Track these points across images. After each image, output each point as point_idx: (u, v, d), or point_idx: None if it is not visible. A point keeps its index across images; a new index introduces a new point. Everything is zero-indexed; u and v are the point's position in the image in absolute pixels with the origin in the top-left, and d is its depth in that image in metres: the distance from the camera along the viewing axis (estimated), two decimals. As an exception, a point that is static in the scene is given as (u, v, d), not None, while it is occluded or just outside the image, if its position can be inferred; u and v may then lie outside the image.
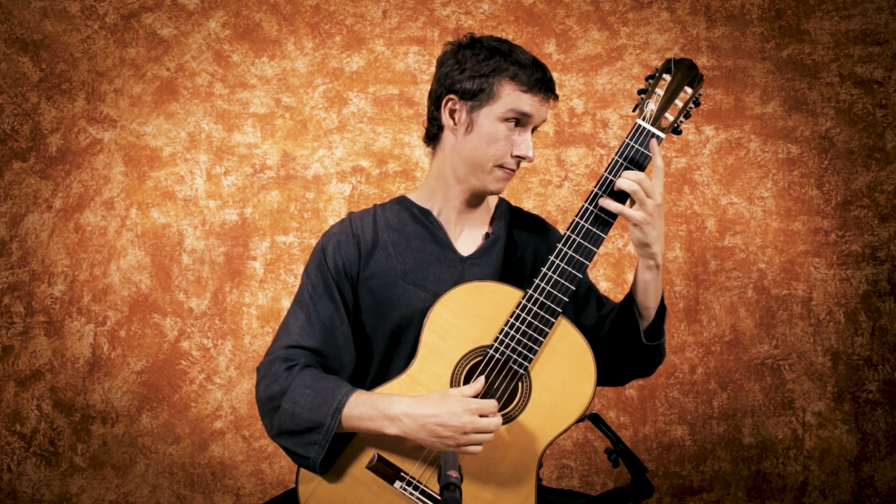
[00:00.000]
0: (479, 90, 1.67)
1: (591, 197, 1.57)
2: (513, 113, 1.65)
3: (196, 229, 2.77)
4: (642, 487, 1.48)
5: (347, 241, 1.72)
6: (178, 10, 2.79)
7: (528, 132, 1.68)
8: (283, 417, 1.59)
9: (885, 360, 2.71)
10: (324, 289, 1.69)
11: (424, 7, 2.79)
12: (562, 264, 1.57)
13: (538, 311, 1.57)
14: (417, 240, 1.73)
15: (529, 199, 2.76)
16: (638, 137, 1.58)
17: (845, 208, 2.73)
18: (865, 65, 2.74)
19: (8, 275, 2.74)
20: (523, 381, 1.58)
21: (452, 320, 1.59)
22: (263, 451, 2.74)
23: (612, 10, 2.79)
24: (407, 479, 1.57)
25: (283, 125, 2.79)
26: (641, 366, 1.74)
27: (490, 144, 1.67)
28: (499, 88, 1.66)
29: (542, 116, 1.70)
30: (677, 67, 1.59)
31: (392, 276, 1.69)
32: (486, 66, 1.67)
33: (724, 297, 2.75)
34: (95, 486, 2.73)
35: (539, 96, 1.66)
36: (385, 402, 1.55)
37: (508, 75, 1.66)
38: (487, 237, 1.76)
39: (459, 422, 1.50)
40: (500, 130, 1.66)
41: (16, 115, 2.76)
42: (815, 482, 2.71)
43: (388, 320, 1.68)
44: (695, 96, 1.60)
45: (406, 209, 1.77)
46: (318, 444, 1.56)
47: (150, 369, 2.74)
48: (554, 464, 2.73)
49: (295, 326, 1.68)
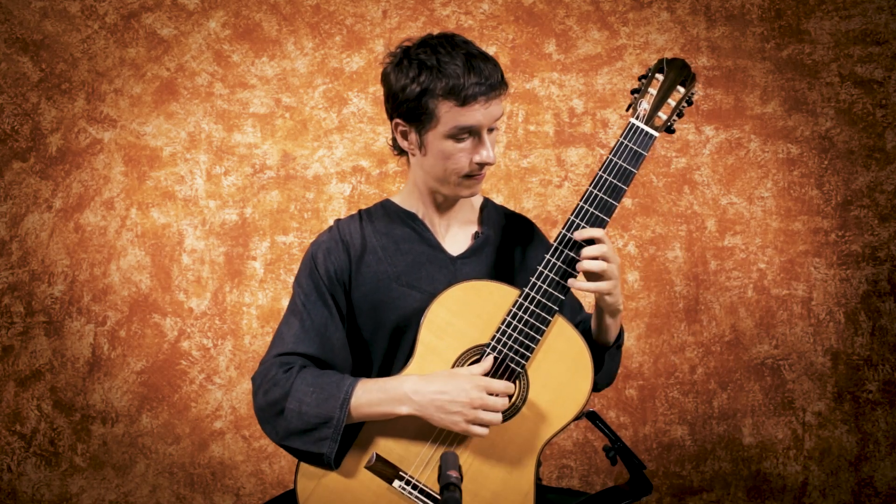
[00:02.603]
0: (420, 114, 1.61)
1: (587, 197, 1.58)
2: (456, 130, 1.59)
3: (196, 229, 2.77)
4: (641, 485, 1.48)
5: (337, 248, 1.72)
6: (178, 10, 2.79)
7: (484, 137, 1.62)
8: (288, 419, 1.58)
9: (885, 360, 2.71)
10: (317, 296, 1.69)
11: (424, 7, 2.79)
12: (558, 262, 1.57)
13: (535, 310, 1.57)
14: (406, 242, 1.73)
15: (529, 198, 2.76)
16: (632, 136, 1.59)
17: (845, 208, 2.73)
18: (865, 65, 2.74)
19: (8, 275, 2.74)
20: (520, 380, 1.58)
21: (450, 319, 1.60)
22: (263, 451, 2.74)
23: (612, 10, 2.79)
24: (406, 479, 1.57)
25: (283, 125, 2.79)
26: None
27: (447, 161, 1.63)
28: (435, 109, 1.59)
29: (493, 117, 1.61)
30: (669, 67, 1.60)
31: (385, 279, 1.69)
32: (416, 86, 1.59)
33: (724, 297, 2.75)
34: (95, 486, 2.73)
35: (479, 102, 1.58)
36: (393, 384, 1.56)
37: (441, 93, 1.57)
38: (477, 236, 1.76)
39: (468, 397, 1.51)
40: (451, 146, 1.61)
41: (16, 115, 2.77)
42: (815, 482, 2.71)
43: (386, 323, 1.69)
44: (687, 95, 1.61)
45: (391, 213, 1.77)
46: (330, 439, 1.56)
47: (150, 369, 2.74)
48: (554, 464, 2.73)
49: (289, 335, 1.67)
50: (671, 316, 2.74)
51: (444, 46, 1.60)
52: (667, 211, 2.77)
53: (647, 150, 1.58)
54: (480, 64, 1.59)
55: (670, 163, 2.77)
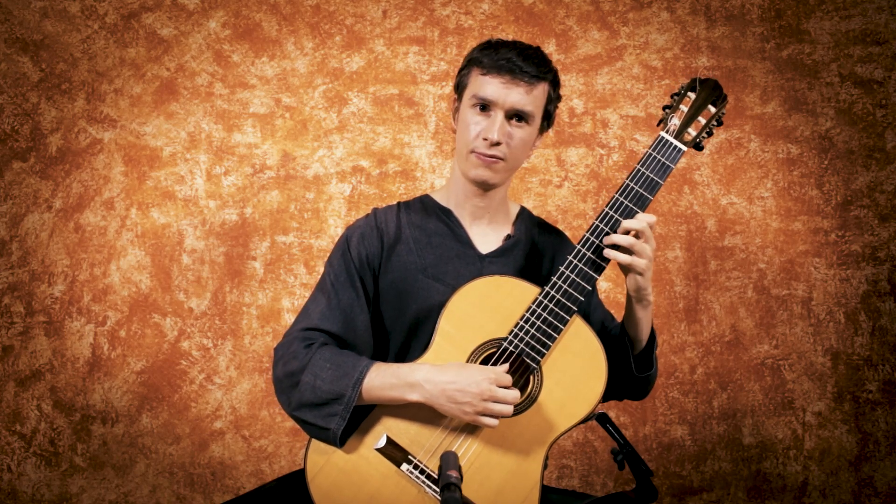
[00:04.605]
0: (460, 83, 1.74)
1: (613, 203, 1.62)
2: (475, 99, 1.68)
3: (196, 229, 2.77)
4: (647, 491, 1.47)
5: (371, 234, 1.77)
6: (178, 10, 2.79)
7: (497, 116, 1.67)
8: (302, 391, 1.61)
9: (885, 360, 2.71)
10: (346, 277, 1.73)
11: (424, 7, 2.79)
12: (580, 265, 1.62)
13: (554, 308, 1.60)
14: (438, 236, 1.77)
15: (529, 199, 2.76)
16: (661, 149, 1.64)
17: (845, 208, 2.73)
18: (865, 65, 2.74)
19: (8, 275, 2.74)
20: (535, 375, 1.61)
21: (470, 311, 1.63)
22: (263, 451, 2.74)
23: (612, 10, 2.79)
24: (414, 463, 1.59)
25: (283, 125, 2.79)
26: (632, 392, 1.79)
27: (465, 131, 1.70)
28: (469, 77, 1.71)
29: (511, 100, 1.67)
30: (702, 86, 1.66)
31: (412, 269, 1.73)
32: (466, 59, 1.74)
33: (724, 297, 2.75)
34: (95, 486, 2.73)
35: (501, 78, 1.66)
36: (406, 370, 1.59)
37: (476, 63, 1.70)
38: (509, 238, 1.80)
39: (479, 388, 1.53)
40: (471, 117, 1.69)
41: (16, 115, 2.76)
42: (815, 482, 2.71)
43: (407, 313, 1.72)
44: (718, 115, 1.66)
45: (428, 207, 1.83)
46: (339, 416, 1.58)
47: (150, 369, 2.74)
48: (554, 464, 2.73)
49: (315, 311, 1.71)
50: (671, 316, 2.75)
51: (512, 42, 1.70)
52: (667, 211, 2.77)
53: (674, 163, 1.63)
54: (521, 52, 1.67)
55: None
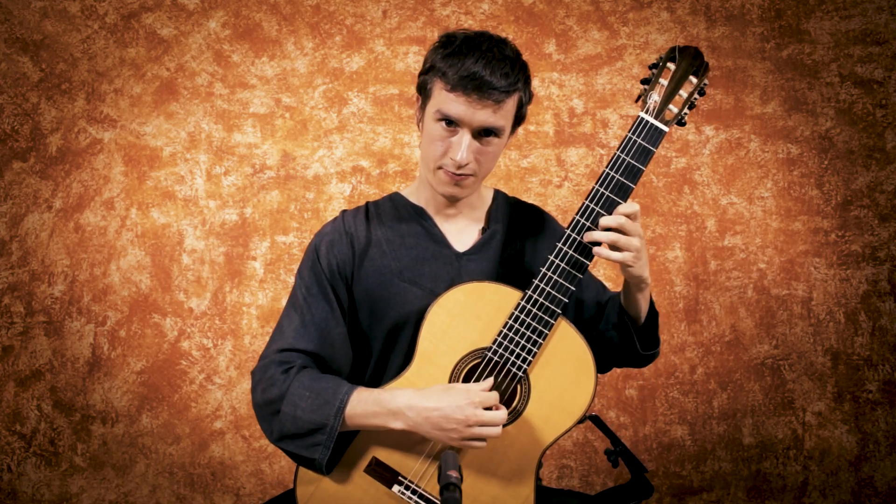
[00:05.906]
0: (423, 86, 1.61)
1: (593, 195, 1.52)
2: (439, 114, 1.56)
3: (196, 229, 2.77)
4: (642, 487, 1.48)
5: (341, 240, 1.69)
6: (178, 10, 2.79)
7: (465, 136, 1.56)
8: (283, 421, 1.56)
9: (885, 360, 2.71)
10: (318, 290, 1.66)
11: (424, 7, 2.79)
12: (561, 264, 1.52)
13: (537, 313, 1.52)
14: (412, 237, 1.70)
15: (529, 199, 2.77)
16: (641, 131, 1.51)
17: (845, 208, 2.73)
18: (865, 65, 2.74)
19: (8, 275, 2.74)
20: (522, 384, 1.55)
21: (450, 322, 1.56)
22: (263, 451, 2.74)
23: (612, 10, 2.79)
24: (405, 483, 1.56)
25: (283, 125, 2.79)
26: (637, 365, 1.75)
27: (430, 144, 1.60)
28: (432, 86, 1.58)
29: (479, 120, 1.54)
30: (682, 56, 1.52)
31: (387, 274, 1.66)
32: (429, 60, 1.60)
33: (724, 297, 2.75)
34: (95, 486, 2.73)
35: (466, 97, 1.53)
36: (388, 397, 1.52)
37: (439, 73, 1.55)
38: (484, 232, 1.72)
39: (463, 414, 1.47)
40: (436, 132, 1.58)
41: (16, 115, 2.76)
42: (815, 482, 2.71)
43: (385, 319, 1.66)
44: (700, 86, 1.52)
45: (399, 206, 1.74)
46: (323, 445, 1.54)
47: (150, 369, 2.74)
48: (554, 464, 2.73)
49: (289, 329, 1.64)
50: (671, 316, 2.75)
51: (479, 39, 1.57)
52: (667, 211, 2.77)
53: (656, 146, 1.50)
54: (488, 65, 1.52)
55: (670, 163, 2.77)
